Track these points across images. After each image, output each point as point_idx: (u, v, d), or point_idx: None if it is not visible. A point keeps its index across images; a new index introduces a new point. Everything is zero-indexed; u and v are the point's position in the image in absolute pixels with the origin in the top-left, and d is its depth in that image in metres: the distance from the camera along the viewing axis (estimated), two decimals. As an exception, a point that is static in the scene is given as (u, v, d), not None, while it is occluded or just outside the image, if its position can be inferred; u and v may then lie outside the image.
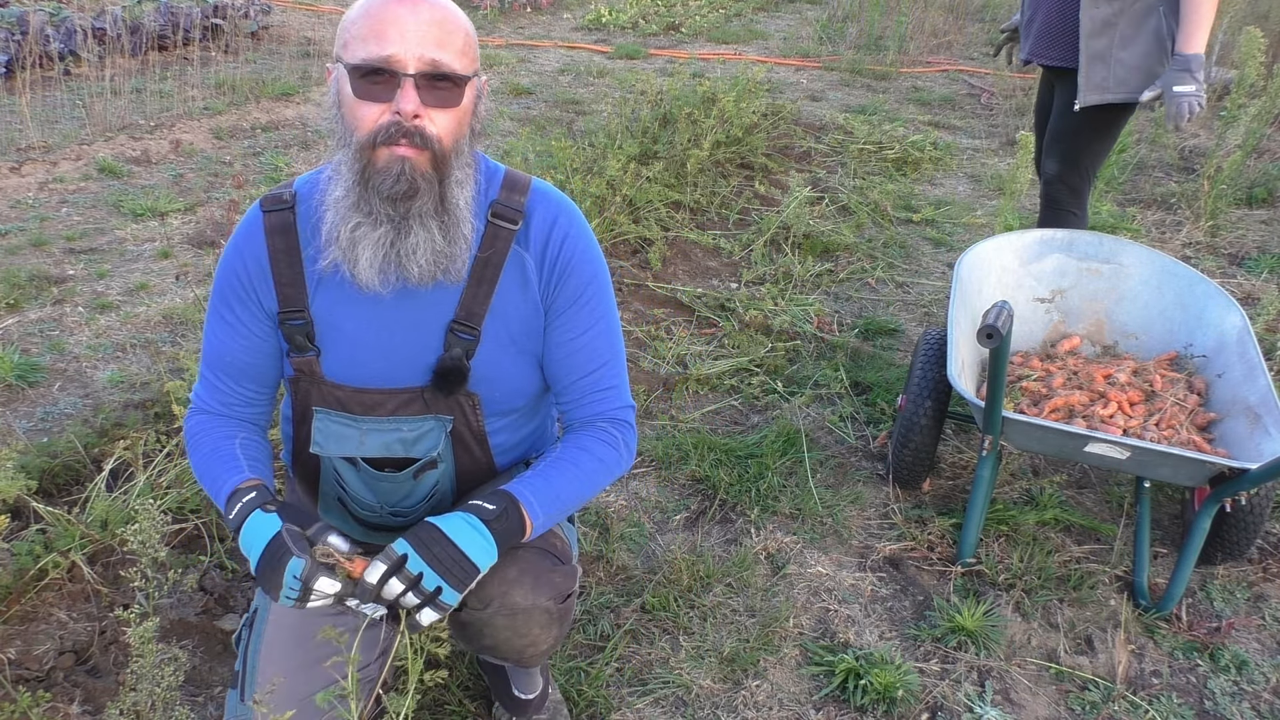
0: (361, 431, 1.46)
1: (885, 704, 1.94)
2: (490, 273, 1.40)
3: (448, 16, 1.28)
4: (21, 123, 4.74)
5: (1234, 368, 2.39)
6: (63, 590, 2.04)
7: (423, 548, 1.29)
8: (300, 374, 1.46)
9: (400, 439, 1.47)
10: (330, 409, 1.47)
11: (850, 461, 2.72)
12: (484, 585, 1.39)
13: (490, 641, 1.46)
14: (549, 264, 1.42)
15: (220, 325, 1.46)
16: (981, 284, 2.66)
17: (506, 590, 1.41)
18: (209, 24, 6.52)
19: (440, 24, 1.26)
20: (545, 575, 1.45)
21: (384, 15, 1.25)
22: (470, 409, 1.48)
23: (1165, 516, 2.55)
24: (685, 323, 3.42)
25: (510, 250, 1.40)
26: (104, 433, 2.49)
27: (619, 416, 1.52)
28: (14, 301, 3.26)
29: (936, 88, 6.76)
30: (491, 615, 1.42)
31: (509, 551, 1.41)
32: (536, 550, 1.47)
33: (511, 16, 8.53)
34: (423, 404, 1.46)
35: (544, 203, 1.44)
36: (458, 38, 1.28)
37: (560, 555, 1.53)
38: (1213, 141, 5.04)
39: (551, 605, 1.45)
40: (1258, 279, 3.93)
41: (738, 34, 8.18)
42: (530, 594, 1.42)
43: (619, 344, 1.53)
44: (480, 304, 1.40)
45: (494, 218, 1.40)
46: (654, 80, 5.59)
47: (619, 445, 1.50)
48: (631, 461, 1.54)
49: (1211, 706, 2.00)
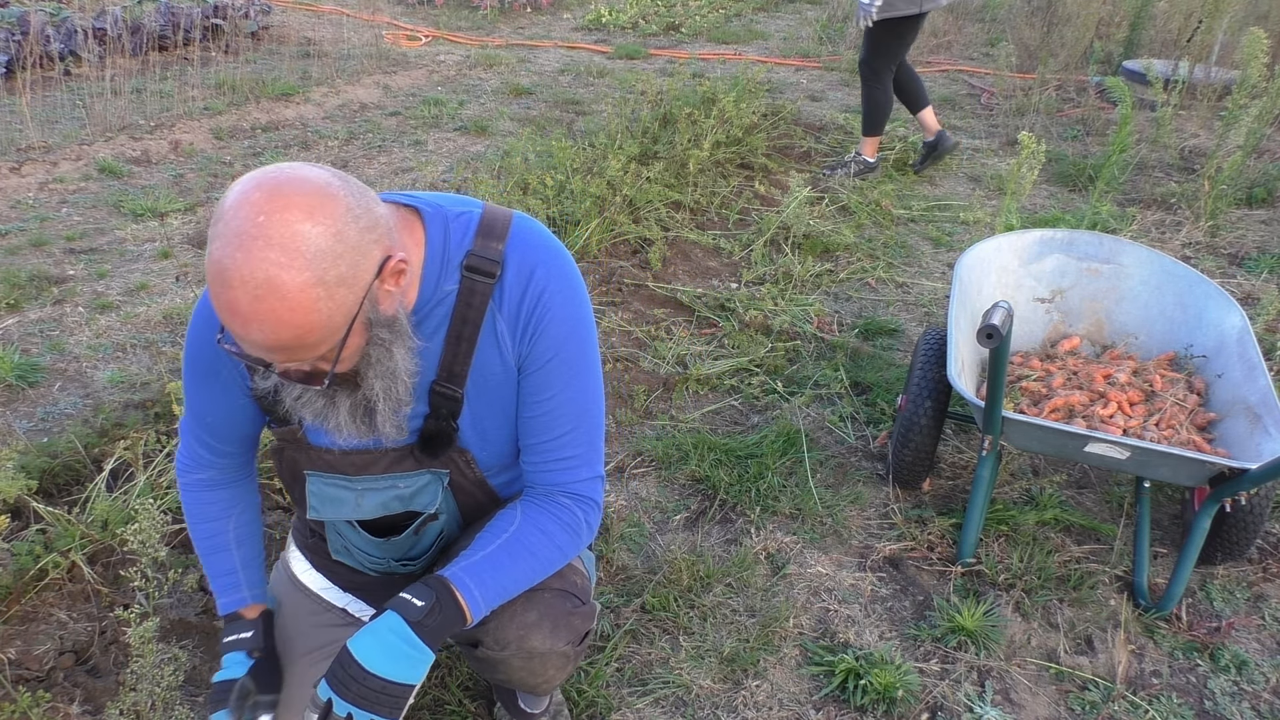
0: (357, 493, 1.43)
1: (885, 704, 1.94)
2: (469, 331, 1.32)
3: (283, 334, 1.08)
4: (22, 123, 4.74)
5: (1234, 368, 2.39)
6: (63, 590, 2.04)
7: (343, 688, 1.24)
8: (285, 442, 1.44)
9: (397, 495, 1.44)
10: (322, 471, 1.43)
11: (850, 461, 2.72)
12: (502, 628, 1.38)
13: (504, 677, 1.45)
14: (522, 323, 1.33)
15: (198, 391, 1.43)
16: (981, 284, 2.66)
17: (525, 634, 1.39)
18: (209, 24, 6.52)
19: (279, 343, 1.10)
20: (564, 619, 1.42)
21: (224, 318, 1.09)
22: (465, 464, 1.44)
23: (1165, 516, 2.55)
24: (685, 323, 3.42)
25: (486, 311, 1.32)
26: (104, 433, 2.49)
27: (582, 492, 1.43)
28: (14, 301, 3.26)
29: (936, 88, 6.75)
30: (509, 657, 1.40)
31: (529, 593, 1.39)
32: (556, 592, 1.43)
33: (511, 16, 8.53)
34: (414, 461, 1.42)
35: (522, 250, 1.33)
36: (307, 338, 1.10)
37: (580, 594, 1.48)
38: (1213, 142, 5.04)
39: (568, 649, 1.43)
40: (1258, 279, 3.93)
41: (738, 34, 8.18)
42: (549, 639, 1.40)
43: (591, 410, 1.41)
44: (460, 364, 1.34)
45: (469, 272, 1.30)
46: (654, 80, 5.58)
47: (579, 527, 1.42)
48: (590, 541, 1.47)
49: (1211, 706, 2.00)
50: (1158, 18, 7.08)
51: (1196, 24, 6.54)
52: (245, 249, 1.04)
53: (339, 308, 1.11)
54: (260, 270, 1.04)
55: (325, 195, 1.09)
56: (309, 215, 1.07)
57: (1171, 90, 5.08)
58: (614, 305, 3.45)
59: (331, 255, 1.08)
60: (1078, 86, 6.58)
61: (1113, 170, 4.18)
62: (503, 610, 1.38)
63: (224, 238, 1.06)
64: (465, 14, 8.43)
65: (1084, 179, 4.93)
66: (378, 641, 1.25)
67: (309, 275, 1.06)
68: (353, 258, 1.10)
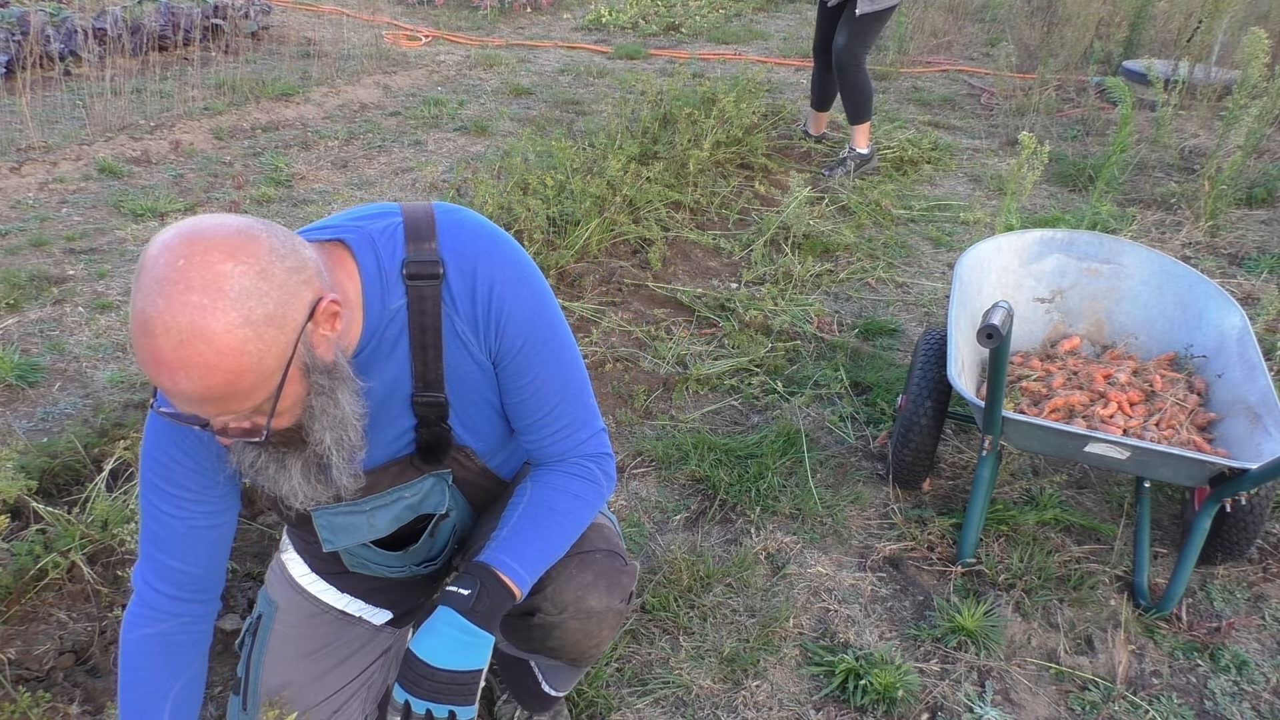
0: (367, 514, 1.44)
1: (885, 704, 1.94)
2: (431, 337, 1.31)
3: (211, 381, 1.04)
4: (21, 123, 4.74)
5: (1234, 368, 2.39)
6: (63, 590, 2.04)
7: (415, 688, 1.28)
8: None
9: (407, 505, 1.45)
10: (325, 505, 1.41)
11: (850, 461, 2.72)
12: (559, 591, 1.40)
13: (557, 643, 1.45)
14: (482, 323, 1.31)
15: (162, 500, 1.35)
16: (981, 284, 2.66)
17: (583, 595, 1.41)
18: (209, 24, 6.52)
19: (209, 393, 1.05)
20: (616, 577, 1.45)
21: (150, 372, 1.05)
22: (465, 458, 1.46)
23: (1165, 516, 2.55)
24: (685, 323, 3.42)
25: (442, 312, 1.30)
26: (104, 433, 2.49)
27: (587, 449, 1.45)
28: (14, 301, 3.26)
29: (936, 88, 6.76)
30: (567, 619, 1.42)
31: (581, 556, 1.42)
32: (606, 552, 1.47)
33: (511, 16, 8.53)
34: (416, 469, 1.43)
35: (455, 246, 1.30)
36: (238, 386, 1.06)
37: (623, 554, 1.52)
38: (1213, 142, 5.04)
39: (623, 606, 1.46)
40: (1258, 279, 3.93)
41: (738, 34, 8.17)
42: (605, 597, 1.43)
43: (573, 375, 1.42)
44: (433, 370, 1.33)
45: (412, 280, 1.27)
46: (654, 80, 5.58)
47: (594, 476, 1.45)
48: (613, 487, 1.49)
49: (1211, 707, 2.00)
50: (1158, 18, 7.08)
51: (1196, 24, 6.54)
52: (166, 295, 1.01)
53: (270, 349, 1.06)
54: (183, 315, 1.01)
55: (247, 237, 1.06)
56: (230, 256, 1.04)
57: (1171, 90, 5.08)
58: (614, 305, 3.45)
59: (257, 294, 1.04)
60: (1078, 86, 6.58)
61: (1113, 170, 4.18)
62: (558, 574, 1.41)
63: (144, 288, 1.02)
64: (465, 14, 8.43)
65: (1084, 179, 4.93)
66: (437, 638, 1.29)
67: (234, 316, 1.03)
68: (280, 296, 1.07)
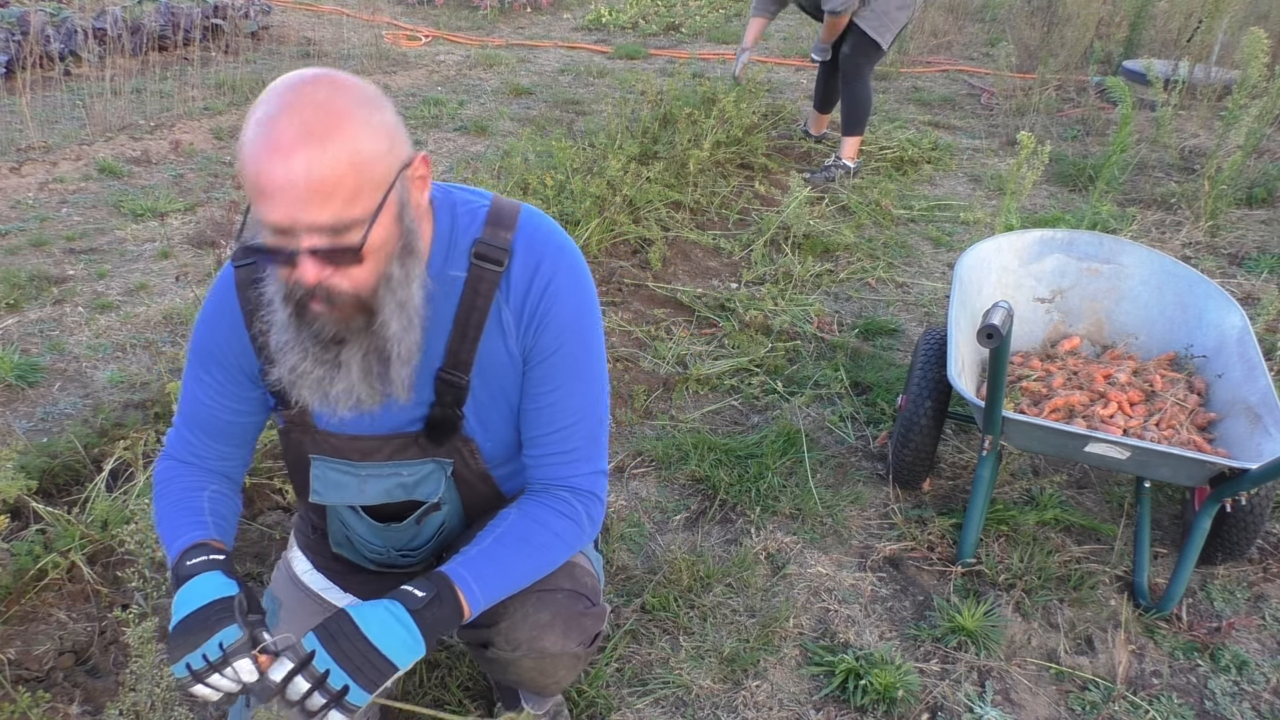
0: (361, 479, 1.43)
1: (885, 704, 1.94)
2: (476, 319, 1.32)
3: (326, 161, 1.07)
4: (21, 123, 4.74)
5: (1234, 368, 2.39)
6: (63, 590, 2.04)
7: (331, 642, 1.20)
8: (292, 425, 1.43)
9: (400, 484, 1.44)
10: (327, 455, 1.43)
11: (850, 461, 2.72)
12: (514, 628, 1.38)
13: (514, 678, 1.45)
14: (528, 314, 1.32)
15: (198, 386, 1.41)
16: (981, 284, 2.66)
17: (538, 635, 1.39)
18: (209, 24, 6.52)
19: (321, 180, 1.07)
20: (576, 620, 1.43)
21: (261, 169, 1.07)
22: (469, 454, 1.44)
23: (1165, 516, 2.55)
24: (685, 323, 3.42)
25: (493, 299, 1.32)
26: (104, 433, 2.49)
27: (582, 486, 1.42)
28: (14, 301, 3.26)
29: (936, 88, 6.76)
30: (520, 657, 1.40)
31: (540, 594, 1.39)
32: (569, 593, 1.44)
33: (511, 16, 8.53)
34: (419, 448, 1.42)
35: (530, 241, 1.33)
36: (347, 180, 1.09)
37: (591, 595, 1.48)
38: (1213, 142, 5.04)
39: (580, 650, 1.44)
40: (1258, 279, 3.93)
41: (738, 34, 8.16)
42: (561, 640, 1.40)
43: (594, 405, 1.41)
44: (466, 352, 1.34)
45: (477, 259, 1.31)
46: (654, 80, 5.59)
47: (579, 518, 1.40)
48: (594, 535, 1.45)
49: (1212, 707, 2.00)
50: (1158, 18, 7.09)
51: (1196, 24, 6.55)
52: (294, 90, 1.09)
53: (382, 156, 1.12)
54: (309, 98, 1.09)
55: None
56: (353, 77, 1.15)
57: (1171, 90, 5.08)
58: (614, 305, 3.45)
59: (378, 106, 1.14)
60: (1078, 86, 6.59)
61: (1113, 170, 4.18)
62: (515, 610, 1.38)
63: (266, 100, 1.10)
64: (465, 14, 8.43)
65: (1084, 179, 4.93)
66: (377, 615, 1.23)
67: (358, 110, 1.11)
68: (395, 121, 1.16)
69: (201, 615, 1.22)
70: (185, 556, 1.30)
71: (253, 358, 1.36)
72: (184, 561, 1.29)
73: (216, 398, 1.41)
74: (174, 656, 1.20)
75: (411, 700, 1.88)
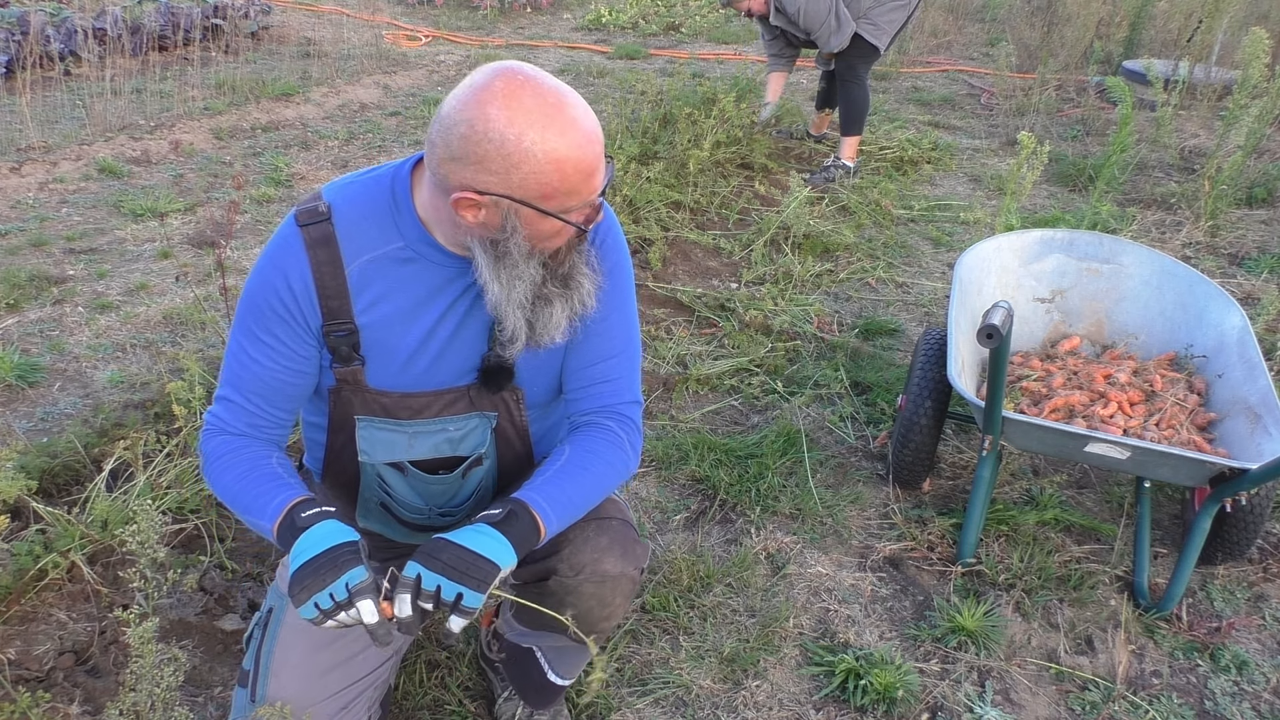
0: (409, 435, 1.48)
1: (885, 704, 1.94)
2: None
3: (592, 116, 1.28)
4: (21, 123, 4.74)
5: (1234, 368, 2.39)
6: (63, 590, 2.04)
7: (433, 560, 1.27)
8: (343, 384, 1.45)
9: (448, 439, 1.49)
10: (374, 416, 1.47)
11: (850, 461, 2.72)
12: (576, 553, 1.45)
13: (572, 609, 1.47)
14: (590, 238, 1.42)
15: (258, 347, 1.42)
16: (981, 284, 2.66)
17: (599, 557, 1.46)
18: (209, 24, 6.52)
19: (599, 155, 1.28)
20: (631, 545, 1.50)
21: (583, 154, 1.24)
22: (515, 404, 1.50)
23: (1165, 516, 2.55)
24: (685, 323, 3.42)
25: None
26: (104, 433, 2.48)
27: (623, 412, 1.52)
28: (14, 301, 3.26)
29: (936, 88, 6.76)
30: (581, 581, 1.46)
31: (598, 521, 1.47)
32: (621, 521, 1.52)
33: (511, 16, 8.53)
34: (468, 402, 1.47)
35: None
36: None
37: (636, 527, 1.58)
38: (1213, 142, 5.04)
39: (636, 574, 1.50)
40: (1258, 279, 3.93)
41: (738, 34, 8.17)
42: (620, 562, 1.47)
43: (634, 341, 1.55)
44: None
45: None
46: (654, 80, 5.58)
47: (624, 446, 1.49)
48: (637, 463, 1.53)
49: (1212, 706, 2.00)
50: (1158, 18, 7.09)
51: (1196, 24, 6.55)
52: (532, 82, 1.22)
53: None
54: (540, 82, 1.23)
55: None
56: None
57: (1171, 90, 5.08)
58: (614, 305, 3.45)
59: None
60: (1078, 86, 6.59)
61: (1113, 170, 4.18)
62: (575, 537, 1.47)
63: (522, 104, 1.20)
64: (465, 14, 8.43)
65: (1084, 179, 4.93)
66: (466, 532, 1.30)
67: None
68: None
69: (329, 556, 1.27)
70: (297, 509, 1.35)
71: (317, 312, 1.40)
72: (298, 513, 1.35)
73: (277, 358, 1.43)
74: (302, 597, 1.26)
75: (412, 700, 1.88)
